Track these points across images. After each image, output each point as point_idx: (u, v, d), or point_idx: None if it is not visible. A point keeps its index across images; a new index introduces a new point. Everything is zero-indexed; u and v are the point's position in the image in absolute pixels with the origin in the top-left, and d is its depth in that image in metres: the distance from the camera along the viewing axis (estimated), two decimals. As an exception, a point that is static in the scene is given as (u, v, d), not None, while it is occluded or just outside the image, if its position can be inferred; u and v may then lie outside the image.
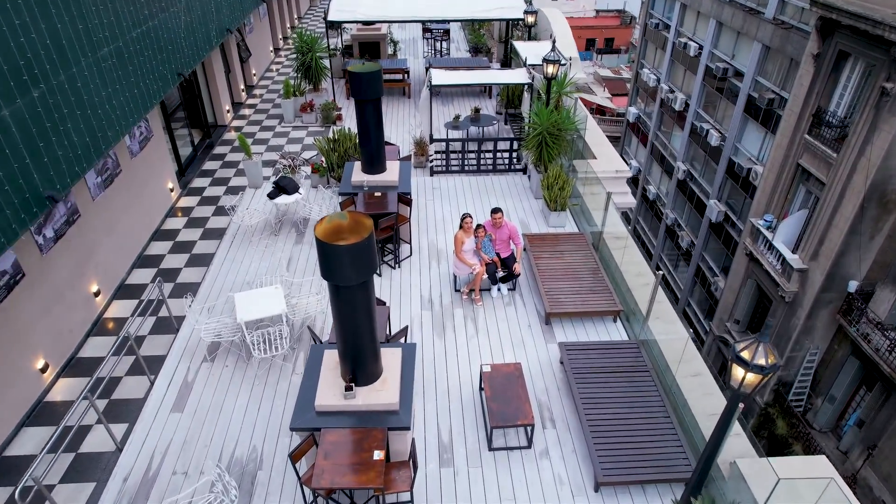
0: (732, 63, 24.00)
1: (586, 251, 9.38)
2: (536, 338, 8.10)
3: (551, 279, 8.73)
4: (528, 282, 9.16)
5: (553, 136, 10.58)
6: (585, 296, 8.44)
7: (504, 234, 8.56)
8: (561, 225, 10.45)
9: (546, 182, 10.32)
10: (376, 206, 9.07)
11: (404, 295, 8.88)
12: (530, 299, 8.80)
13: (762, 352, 4.08)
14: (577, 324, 8.35)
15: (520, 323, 8.35)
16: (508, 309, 8.61)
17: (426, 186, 11.86)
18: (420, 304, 8.69)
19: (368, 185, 9.52)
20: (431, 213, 10.93)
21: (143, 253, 10.28)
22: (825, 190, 17.16)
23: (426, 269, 9.45)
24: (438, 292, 8.93)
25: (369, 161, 9.58)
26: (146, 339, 8.51)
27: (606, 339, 8.08)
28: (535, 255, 9.29)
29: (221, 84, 15.00)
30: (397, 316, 8.47)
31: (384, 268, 9.47)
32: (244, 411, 7.04)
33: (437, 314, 8.50)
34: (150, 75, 8.52)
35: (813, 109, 17.97)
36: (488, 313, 8.52)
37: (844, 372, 17.86)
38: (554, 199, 10.19)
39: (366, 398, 5.71)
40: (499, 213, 8.43)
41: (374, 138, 9.34)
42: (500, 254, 8.68)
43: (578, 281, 8.71)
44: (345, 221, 5.12)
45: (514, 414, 6.43)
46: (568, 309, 8.22)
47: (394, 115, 15.64)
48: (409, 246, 9.84)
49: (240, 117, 15.92)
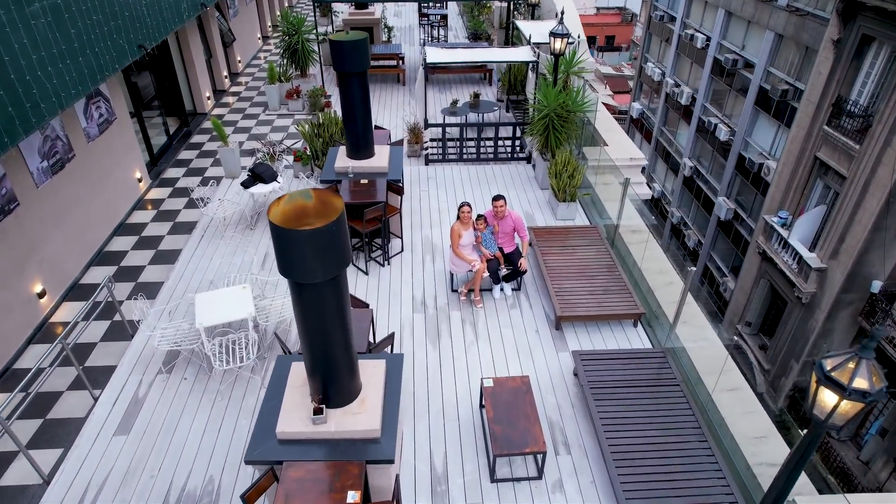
0: (742, 54, 22.96)
1: (600, 246, 8.30)
2: (546, 345, 7.01)
3: (561, 278, 7.64)
4: (535, 280, 8.08)
5: (561, 119, 9.50)
6: (601, 297, 7.35)
7: (507, 225, 7.48)
8: (570, 217, 9.37)
9: (553, 169, 9.24)
10: (362, 195, 7.98)
11: (394, 296, 7.79)
12: (538, 300, 7.71)
13: (865, 371, 3.00)
14: (593, 329, 7.26)
15: (526, 328, 7.26)
16: (513, 311, 7.52)
17: (421, 176, 10.78)
18: (412, 307, 7.60)
19: (354, 172, 8.44)
20: (426, 205, 9.84)
21: (102, 249, 9.17)
22: (846, 184, 16.11)
23: (419, 266, 8.36)
24: (433, 293, 7.84)
25: (355, 144, 8.50)
26: (96, 347, 7.41)
27: (627, 348, 6.99)
28: (542, 250, 8.20)
29: (201, 69, 13.92)
30: (385, 320, 7.37)
31: (372, 265, 8.37)
32: (202, 433, 5.94)
33: (432, 318, 7.41)
34: (101, 44, 7.44)
35: (833, 99, 16.92)
36: (490, 317, 7.43)
37: (866, 378, 16.71)
38: (562, 189, 9.11)
39: (339, 423, 4.62)
40: (501, 201, 7.35)
41: (360, 118, 8.25)
42: (502, 248, 7.60)
43: (592, 280, 7.63)
44: (309, 202, 4.03)
45: (522, 439, 5.34)
46: (581, 311, 7.13)
47: (387, 102, 14.56)
48: (399, 240, 8.75)
49: (222, 105, 14.84)
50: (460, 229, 7.23)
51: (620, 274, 7.73)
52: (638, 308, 7.17)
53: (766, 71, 21.50)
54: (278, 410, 4.74)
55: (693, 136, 26.46)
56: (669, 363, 6.44)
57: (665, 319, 7.24)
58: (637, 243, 8.59)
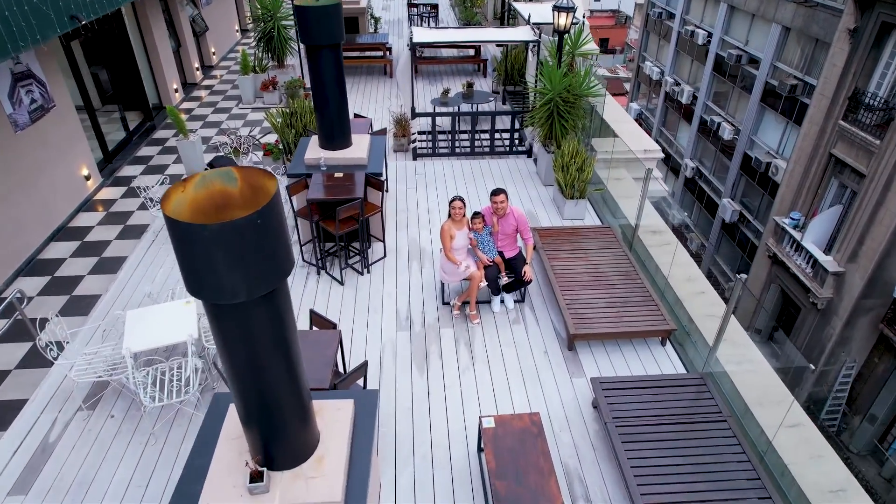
0: (747, 49, 21.96)
1: (617, 249, 7.08)
2: (557, 369, 5.77)
3: (574, 287, 6.42)
4: (542, 290, 6.85)
5: (568, 105, 8.30)
6: (621, 310, 6.12)
7: (509, 225, 6.25)
8: (579, 216, 8.16)
9: (560, 162, 8.03)
10: (337, 191, 6.74)
11: (374, 311, 6.53)
12: (545, 315, 6.48)
13: None
14: (612, 348, 6.03)
15: (532, 348, 6.02)
16: (516, 328, 6.28)
17: (408, 172, 9.55)
18: (395, 323, 6.34)
19: (327, 164, 7.19)
20: (413, 204, 8.61)
21: (35, 257, 7.86)
22: (865, 182, 15.03)
23: (404, 274, 7.12)
24: (420, 306, 6.59)
25: (328, 132, 7.25)
26: (9, 376, 6.11)
27: (656, 373, 5.76)
28: (549, 255, 6.98)
29: (167, 60, 12.66)
30: (361, 341, 6.12)
31: (348, 273, 7.11)
32: (124, 489, 4.65)
33: (419, 336, 6.16)
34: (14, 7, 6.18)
35: (849, 92, 15.87)
36: (489, 335, 6.19)
37: (888, 388, 15.69)
38: (570, 184, 7.90)
39: (287, 493, 3.34)
40: (501, 196, 6.12)
41: (334, 101, 7.02)
42: (503, 253, 6.38)
43: (610, 290, 6.40)
44: (232, 186, 2.77)
45: (533, 499, 4.09)
46: (599, 328, 5.90)
47: (373, 94, 13.33)
48: (382, 244, 7.51)
49: (192, 99, 13.58)
50: (452, 229, 6.00)
51: (643, 282, 6.52)
52: (667, 323, 5.95)
53: (773, 66, 20.49)
54: (205, 474, 3.46)
55: (694, 135, 25.42)
56: (710, 392, 5.21)
57: (698, 336, 6.02)
58: (658, 246, 7.39)
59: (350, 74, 14.68)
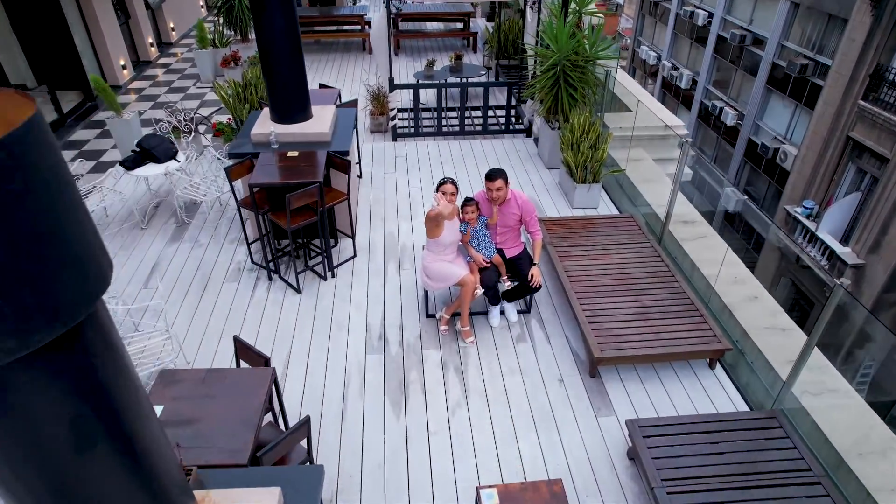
0: (751, 29, 20.65)
1: (643, 245, 5.68)
2: (577, 404, 4.37)
3: (593, 293, 5.01)
4: (552, 297, 5.44)
5: (577, 71, 6.87)
6: (657, 323, 4.72)
7: (511, 214, 4.82)
8: (592, 204, 6.75)
9: (568, 139, 6.61)
10: (289, 174, 5.27)
11: (338, 327, 5.09)
12: (558, 329, 5.07)
13: None
14: (648, 374, 4.63)
15: (543, 375, 4.61)
16: (522, 349, 4.87)
17: (386, 155, 8.08)
18: (364, 344, 4.91)
19: (278, 140, 5.72)
20: (391, 192, 7.16)
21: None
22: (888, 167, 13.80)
23: (378, 278, 5.68)
24: (397, 320, 5.16)
25: (281, 102, 5.78)
26: None
27: (710, 411, 4.36)
28: (559, 251, 5.57)
29: (111, 33, 11.06)
30: (319, 370, 4.67)
31: (308, 278, 5.66)
32: None
33: (394, 362, 4.73)
34: None
35: (870, 69, 14.58)
36: (486, 358, 4.77)
37: (918, 393, 14.40)
38: (581, 165, 6.48)
39: None
40: (499, 182, 4.67)
41: (287, 63, 5.54)
42: (503, 250, 4.96)
43: (640, 296, 5.00)
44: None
45: None
46: (630, 350, 4.49)
47: (349, 72, 11.84)
48: (351, 241, 6.06)
49: (144, 77, 11.99)
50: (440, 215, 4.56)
51: (681, 286, 5.12)
52: (719, 341, 4.55)
53: (780, 46, 19.21)
54: None
55: (694, 122, 24.15)
56: (788, 436, 3.84)
57: (756, 356, 4.64)
58: (693, 239, 6.00)
59: (325, 51, 13.17)
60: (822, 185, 16.88)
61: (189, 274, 5.74)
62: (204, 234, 6.37)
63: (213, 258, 5.97)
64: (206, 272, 5.76)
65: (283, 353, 4.78)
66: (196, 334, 4.98)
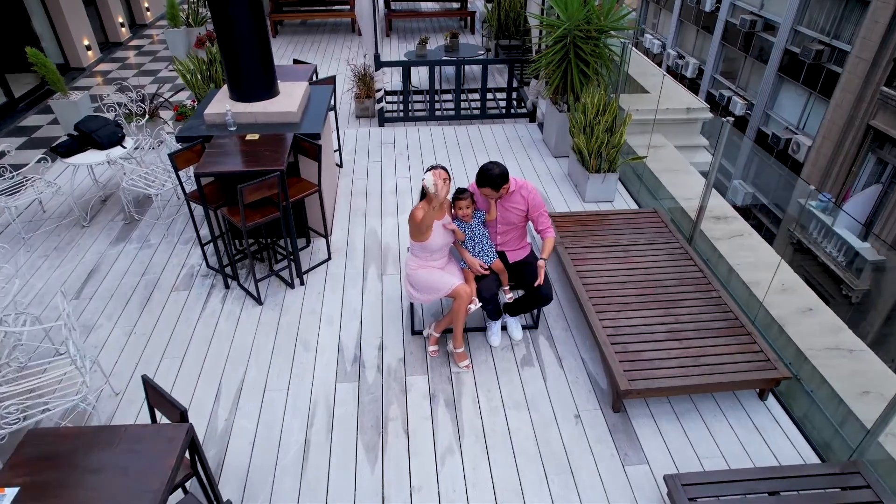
0: (762, 14, 19.72)
1: (672, 245, 4.78)
2: (599, 449, 3.48)
3: (615, 305, 4.11)
4: (564, 310, 4.54)
5: (591, 43, 5.94)
6: (694, 344, 3.82)
7: (513, 208, 3.90)
8: (607, 197, 5.83)
9: (580, 121, 5.69)
10: (246, 160, 4.35)
11: (304, 347, 4.18)
12: (572, 349, 4.17)
13: None
14: (684, 408, 3.74)
15: (556, 410, 3.71)
16: (528, 375, 3.96)
17: (371, 142, 7.16)
18: (335, 368, 4.00)
19: (235, 120, 4.80)
20: (375, 183, 6.24)
21: None
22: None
23: (356, 286, 4.77)
24: (376, 339, 4.26)
25: (239, 76, 4.85)
26: None
27: (766, 457, 3.46)
28: (572, 254, 4.66)
29: (75, 14, 10.10)
30: (278, 402, 3.76)
31: (273, 285, 4.75)
32: None
33: (371, 393, 3.83)
34: None
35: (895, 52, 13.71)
36: (485, 387, 3.87)
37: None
38: (596, 152, 5.57)
39: None
40: (484, 190, 3.74)
41: (246, 26, 4.60)
42: (504, 253, 4.05)
43: (672, 308, 4.10)
44: None
45: None
46: (665, 380, 3.58)
47: (336, 55, 10.89)
48: (324, 241, 5.16)
49: (112, 60, 11.03)
50: (428, 214, 3.67)
51: (720, 296, 4.22)
52: (774, 368, 3.65)
53: (794, 31, 18.28)
54: None
55: (703, 111, 23.11)
56: (882, 502, 2.95)
57: (819, 384, 3.75)
58: (726, 238, 5.10)
59: (311, 32, 12.22)
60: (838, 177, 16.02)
61: (132, 280, 4.83)
62: (155, 233, 5.45)
63: (162, 261, 5.06)
64: (153, 278, 4.85)
65: (233, 383, 3.88)
66: (130, 359, 4.07)
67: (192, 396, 3.77)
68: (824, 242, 15.61)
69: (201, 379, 3.90)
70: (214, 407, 3.70)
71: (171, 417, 2.50)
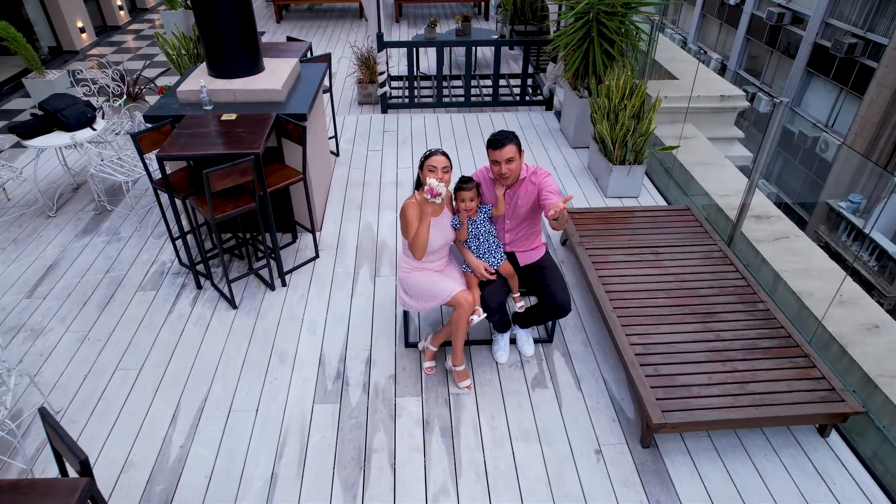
0: (791, 7, 18.88)
1: (710, 248, 4.14)
2: (624, 494, 2.85)
3: (644, 318, 3.49)
4: (584, 322, 3.92)
5: (616, 19, 5.30)
6: (740, 366, 3.19)
7: (525, 199, 3.28)
8: (632, 193, 5.19)
9: (604, 106, 5.06)
10: (220, 142, 3.77)
11: (279, 359, 3.61)
12: (592, 370, 3.55)
13: None
14: (728, 443, 3.11)
15: (572, 444, 3.10)
16: (540, 399, 3.35)
17: (372, 129, 6.58)
18: (314, 386, 3.43)
19: (212, 98, 4.24)
20: (374, 173, 5.66)
21: None
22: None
23: (344, 288, 4.19)
24: (363, 352, 3.67)
25: (217, 49, 4.28)
26: None
27: (838, 511, 2.84)
28: (593, 256, 4.04)
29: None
30: (244, 426, 3.19)
31: (252, 286, 4.18)
32: None
33: (353, 417, 3.24)
34: None
35: (938, 44, 12.86)
36: (488, 412, 3.26)
37: None
38: (620, 141, 4.93)
39: None
40: (510, 147, 3.12)
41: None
42: (514, 254, 3.44)
43: (711, 322, 3.47)
44: None
45: None
46: (706, 411, 2.96)
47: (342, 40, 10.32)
48: (311, 238, 4.59)
49: (109, 44, 10.55)
50: (421, 206, 3.08)
51: (769, 310, 3.58)
52: (841, 399, 3.01)
53: (824, 24, 17.45)
54: None
55: (726, 107, 22.28)
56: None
57: (892, 418, 3.11)
58: (770, 241, 4.45)
59: (317, 17, 11.67)
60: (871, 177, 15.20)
61: (94, 277, 4.29)
62: (127, 225, 4.91)
63: (130, 256, 4.52)
64: (118, 276, 4.31)
65: (195, 401, 3.31)
66: (79, 370, 3.52)
67: (145, 417, 3.22)
68: (855, 246, 14.83)
69: (158, 396, 3.35)
70: (169, 431, 3.14)
71: (73, 465, 1.93)
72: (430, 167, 3.04)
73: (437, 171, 3.03)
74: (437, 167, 3.04)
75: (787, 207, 18.71)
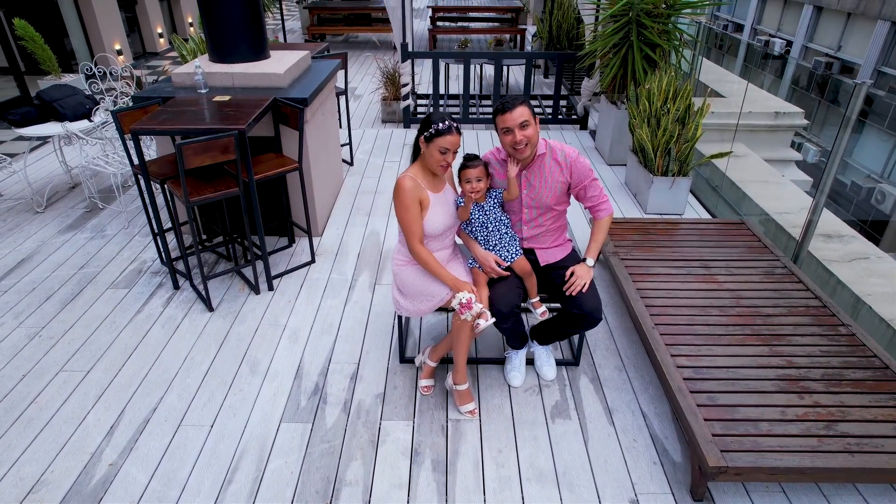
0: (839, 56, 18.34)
1: (773, 264, 3.46)
2: (670, 563, 2.15)
3: (693, 338, 2.82)
4: (617, 344, 3.25)
5: (659, 22, 4.83)
6: (823, 400, 2.48)
7: (549, 181, 2.70)
8: (675, 210, 4.56)
9: (644, 109, 4.51)
10: (204, 120, 3.36)
11: (251, 367, 3.04)
12: (629, 401, 2.86)
13: None
14: (808, 500, 2.37)
15: (599, 491, 2.40)
16: (561, 432, 2.67)
17: (393, 142, 6.16)
18: (286, 400, 2.83)
19: (208, 81, 3.87)
20: (387, 182, 5.18)
21: None
22: None
23: (338, 295, 3.63)
24: (350, 364, 3.07)
25: (218, 29, 3.95)
26: None
27: None
28: (629, 267, 3.41)
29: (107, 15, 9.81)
30: (189, 452, 2.60)
31: (235, 289, 3.67)
32: None
33: (326, 441, 2.62)
34: None
35: None
36: (495, 445, 2.60)
37: None
38: (663, 148, 4.35)
39: None
40: (521, 109, 2.53)
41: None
42: (534, 250, 2.84)
43: (780, 346, 2.77)
44: None
45: None
46: (779, 454, 2.25)
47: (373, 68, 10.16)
48: (307, 241, 4.08)
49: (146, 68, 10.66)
50: (421, 188, 2.55)
51: (856, 335, 2.86)
52: (964, 449, 2.26)
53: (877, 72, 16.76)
54: None
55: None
56: None
57: None
58: (845, 262, 3.74)
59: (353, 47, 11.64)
60: (936, 230, 14.07)
61: (66, 273, 3.85)
62: (115, 223, 4.52)
63: (110, 254, 4.08)
64: (92, 272, 3.87)
65: (141, 411, 2.76)
66: (17, 369, 3.02)
67: (78, 427, 2.67)
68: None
69: (101, 402, 2.80)
70: (102, 444, 2.58)
71: None
72: (436, 137, 2.52)
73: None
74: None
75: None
